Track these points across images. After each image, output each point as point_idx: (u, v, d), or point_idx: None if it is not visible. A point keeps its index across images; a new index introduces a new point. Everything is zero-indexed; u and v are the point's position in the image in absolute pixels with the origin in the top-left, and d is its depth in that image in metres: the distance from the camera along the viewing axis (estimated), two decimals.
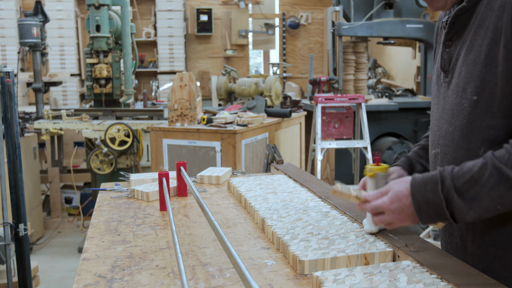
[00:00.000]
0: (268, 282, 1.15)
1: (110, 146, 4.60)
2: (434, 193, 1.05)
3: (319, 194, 1.72)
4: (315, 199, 1.68)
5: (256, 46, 9.10)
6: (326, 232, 1.33)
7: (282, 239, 1.30)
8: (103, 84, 5.04)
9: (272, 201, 1.68)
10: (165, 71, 8.24)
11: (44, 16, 5.39)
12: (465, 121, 1.12)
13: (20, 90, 7.13)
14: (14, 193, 3.11)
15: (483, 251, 1.14)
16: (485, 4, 1.09)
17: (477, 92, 1.09)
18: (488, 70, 1.07)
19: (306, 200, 1.66)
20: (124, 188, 2.00)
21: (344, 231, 1.34)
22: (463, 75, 1.13)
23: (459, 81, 1.14)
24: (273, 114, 4.29)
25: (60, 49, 7.94)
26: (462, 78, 1.13)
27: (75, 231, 5.41)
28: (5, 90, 3.04)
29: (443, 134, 1.19)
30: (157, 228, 1.55)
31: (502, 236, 1.10)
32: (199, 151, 3.68)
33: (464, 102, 1.12)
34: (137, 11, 8.39)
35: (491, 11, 1.07)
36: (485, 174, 0.99)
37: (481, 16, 1.10)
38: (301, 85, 8.48)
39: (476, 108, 1.09)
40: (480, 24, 1.10)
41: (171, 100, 3.80)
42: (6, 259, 3.04)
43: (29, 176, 4.86)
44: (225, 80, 4.62)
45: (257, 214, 1.56)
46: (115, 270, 1.22)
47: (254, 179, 2.03)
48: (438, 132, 1.22)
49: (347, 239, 1.27)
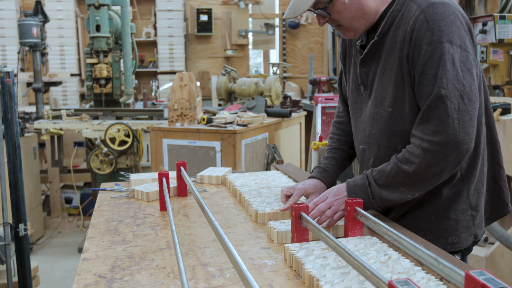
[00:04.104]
0: (268, 282, 1.15)
1: (110, 146, 4.60)
2: (360, 179, 1.48)
3: None
4: None
5: (256, 46, 9.10)
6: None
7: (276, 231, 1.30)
8: (103, 84, 5.04)
9: (265, 195, 1.76)
10: (165, 71, 8.24)
11: (44, 16, 5.39)
12: (384, 126, 1.50)
13: (20, 90, 7.13)
14: (14, 193, 3.11)
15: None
16: (391, 37, 1.46)
17: (391, 105, 1.47)
18: (398, 89, 1.45)
19: None
20: (124, 188, 2.00)
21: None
22: (379, 91, 1.51)
23: (376, 95, 1.52)
24: (273, 114, 4.29)
25: (60, 49, 7.94)
26: (379, 94, 1.51)
27: (75, 231, 5.41)
28: (5, 90, 3.04)
29: (368, 134, 1.56)
30: (157, 228, 1.54)
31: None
32: (199, 151, 3.68)
33: (382, 112, 1.50)
34: (137, 11, 8.38)
35: (395, 44, 1.45)
36: (389, 168, 1.43)
37: (389, 46, 1.47)
38: (301, 85, 8.48)
39: (392, 117, 1.48)
40: (389, 53, 1.47)
41: (171, 100, 3.80)
42: (6, 259, 3.04)
43: (29, 176, 4.86)
44: (225, 80, 4.62)
45: (250, 207, 1.63)
46: (115, 270, 1.22)
47: (250, 175, 2.07)
48: (363, 132, 1.59)
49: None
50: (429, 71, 1.36)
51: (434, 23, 1.36)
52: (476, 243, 1.56)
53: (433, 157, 1.35)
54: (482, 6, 4.98)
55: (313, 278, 1.09)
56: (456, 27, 1.37)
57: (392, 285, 0.83)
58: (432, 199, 1.50)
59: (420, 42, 1.38)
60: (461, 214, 1.50)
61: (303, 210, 1.32)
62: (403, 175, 1.39)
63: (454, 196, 1.49)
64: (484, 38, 3.51)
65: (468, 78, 1.36)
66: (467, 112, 1.34)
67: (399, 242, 1.18)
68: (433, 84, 1.35)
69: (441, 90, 1.34)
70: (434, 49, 1.36)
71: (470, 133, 1.35)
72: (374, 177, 1.45)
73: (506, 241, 2.88)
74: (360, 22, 1.49)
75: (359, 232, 1.37)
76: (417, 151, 1.37)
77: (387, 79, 1.47)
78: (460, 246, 1.51)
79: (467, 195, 1.50)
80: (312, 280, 1.09)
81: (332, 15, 1.48)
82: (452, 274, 0.96)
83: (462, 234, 1.50)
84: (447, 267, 0.98)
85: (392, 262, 1.16)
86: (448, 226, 1.50)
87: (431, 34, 1.36)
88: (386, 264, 1.15)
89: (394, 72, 1.45)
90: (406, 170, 1.39)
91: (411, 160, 1.38)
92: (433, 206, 1.50)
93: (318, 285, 1.06)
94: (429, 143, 1.35)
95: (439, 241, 1.49)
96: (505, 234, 2.89)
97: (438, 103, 1.34)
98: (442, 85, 1.34)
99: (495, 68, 3.59)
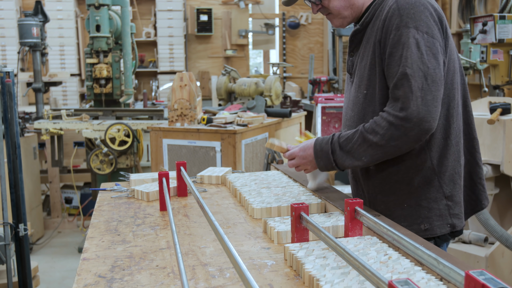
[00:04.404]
0: (268, 282, 1.15)
1: (110, 146, 4.60)
2: (326, 144, 1.58)
3: (311, 189, 1.80)
4: (307, 193, 1.76)
5: (256, 46, 9.10)
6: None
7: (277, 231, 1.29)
8: (103, 84, 5.04)
9: (265, 195, 1.76)
10: (165, 71, 8.24)
11: (44, 16, 5.38)
12: (360, 108, 1.62)
13: (20, 90, 7.13)
14: (14, 193, 3.11)
15: (374, 198, 1.66)
16: (370, 27, 1.61)
17: (366, 88, 1.59)
18: (371, 72, 1.58)
19: (298, 194, 1.75)
20: (124, 188, 2.00)
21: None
22: (358, 76, 1.63)
23: (356, 80, 1.65)
24: (273, 114, 4.29)
25: (60, 49, 7.94)
26: (358, 78, 1.63)
27: (75, 231, 5.41)
28: (5, 90, 3.04)
29: (349, 117, 1.69)
30: (157, 228, 1.55)
31: (384, 186, 1.62)
32: (199, 151, 3.68)
33: (359, 95, 1.62)
34: (137, 11, 8.39)
35: (373, 32, 1.58)
36: (355, 136, 1.53)
37: (367, 35, 1.61)
38: (301, 85, 8.48)
39: (366, 99, 1.60)
40: (367, 41, 1.61)
41: (171, 100, 3.80)
42: (6, 259, 3.04)
43: (29, 176, 4.86)
44: (225, 80, 4.62)
45: (250, 206, 1.64)
46: (115, 270, 1.22)
47: (250, 175, 2.07)
48: (346, 116, 1.72)
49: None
50: (396, 53, 1.49)
51: (404, 11, 1.49)
52: (457, 234, 1.63)
53: (396, 130, 1.45)
54: (482, 6, 4.98)
55: (313, 278, 1.09)
56: (425, 16, 1.49)
57: (392, 285, 0.83)
58: (404, 187, 1.59)
59: (391, 28, 1.51)
60: (433, 202, 1.58)
61: (303, 210, 1.32)
62: (367, 144, 1.51)
63: (425, 184, 1.57)
64: (484, 38, 3.51)
65: (432, 61, 1.47)
66: (430, 92, 1.44)
67: (399, 242, 1.18)
68: (399, 65, 1.47)
69: (406, 69, 1.45)
70: (401, 33, 1.48)
71: (432, 112, 1.44)
72: (340, 144, 1.56)
73: (506, 241, 2.88)
74: (348, 11, 1.64)
75: (359, 232, 1.37)
76: (383, 123, 1.48)
77: (363, 64, 1.61)
78: (433, 233, 1.58)
79: (439, 184, 1.58)
80: (312, 280, 1.09)
81: (322, 2, 1.64)
82: (452, 274, 0.96)
83: (436, 222, 1.58)
84: (447, 267, 0.98)
85: (392, 262, 1.16)
86: (420, 213, 1.58)
87: (400, 20, 1.49)
88: (386, 264, 1.15)
89: (369, 57, 1.58)
90: (370, 139, 1.50)
91: (376, 131, 1.49)
92: (405, 194, 1.59)
93: (318, 285, 1.06)
94: (394, 117, 1.46)
95: (412, 228, 1.57)
96: (505, 234, 2.89)
97: (403, 81, 1.46)
98: (407, 65, 1.45)
99: (495, 68, 3.59)
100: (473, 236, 3.23)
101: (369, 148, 1.50)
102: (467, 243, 3.25)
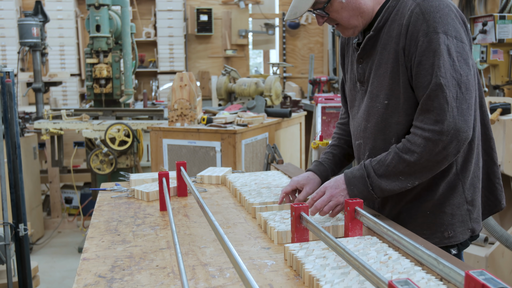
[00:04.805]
0: (268, 282, 1.15)
1: (110, 146, 4.60)
2: (358, 170, 1.49)
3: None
4: None
5: (256, 46, 9.10)
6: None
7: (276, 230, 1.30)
8: (103, 84, 5.04)
9: (265, 195, 1.76)
10: (165, 71, 8.23)
11: (44, 16, 5.38)
12: (380, 119, 1.53)
13: (20, 90, 7.13)
14: (14, 193, 3.11)
15: (397, 206, 1.58)
16: (386, 32, 1.51)
17: (387, 97, 1.50)
18: (393, 81, 1.49)
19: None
20: (124, 188, 2.00)
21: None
22: (375, 85, 1.54)
23: (372, 89, 1.55)
24: (273, 114, 4.29)
25: (60, 49, 7.94)
26: (375, 87, 1.54)
27: (75, 231, 5.41)
28: (5, 90, 3.04)
29: (363, 128, 1.59)
30: (157, 228, 1.55)
31: (409, 195, 1.54)
32: (199, 151, 3.68)
33: (378, 105, 1.53)
34: (137, 11, 8.38)
35: (391, 38, 1.49)
36: (389, 158, 1.45)
37: (384, 41, 1.51)
38: (301, 85, 8.47)
39: (387, 109, 1.51)
40: (384, 47, 1.51)
41: (171, 100, 3.80)
42: (6, 259, 3.04)
43: (29, 176, 4.86)
44: (225, 80, 4.62)
45: (249, 205, 1.66)
46: (115, 270, 1.22)
47: (250, 175, 2.07)
48: (359, 127, 1.62)
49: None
50: (426, 61, 1.40)
51: (430, 15, 1.41)
52: (475, 238, 1.59)
53: (435, 146, 1.38)
54: (482, 6, 4.98)
55: (313, 278, 1.09)
56: (451, 19, 1.42)
57: (392, 285, 0.83)
58: (428, 194, 1.53)
59: (417, 34, 1.42)
60: (456, 208, 1.53)
61: (303, 210, 1.32)
62: (404, 165, 1.42)
63: (449, 190, 1.52)
64: (484, 38, 3.51)
65: (464, 68, 1.40)
66: (465, 100, 1.38)
67: (399, 242, 1.18)
68: (431, 74, 1.39)
69: (440, 79, 1.38)
70: (430, 39, 1.40)
71: (468, 121, 1.39)
72: (374, 167, 1.47)
73: (506, 241, 2.88)
74: (358, 19, 1.54)
75: (359, 232, 1.37)
76: (419, 140, 1.40)
77: (382, 72, 1.51)
78: (456, 241, 1.54)
79: (463, 190, 1.53)
80: (312, 280, 1.09)
81: (330, 14, 1.52)
82: (452, 274, 0.96)
83: (458, 229, 1.53)
84: (447, 267, 0.98)
85: (392, 262, 1.16)
86: (444, 220, 1.53)
87: (427, 25, 1.41)
88: (386, 264, 1.15)
89: (389, 65, 1.49)
90: (407, 159, 1.41)
91: (413, 150, 1.41)
92: (429, 201, 1.53)
93: (318, 285, 1.06)
94: (430, 132, 1.38)
95: (435, 236, 1.52)
96: (505, 234, 2.89)
97: (438, 92, 1.38)
98: (441, 74, 1.38)
99: (495, 68, 3.59)
100: None
101: (406, 168, 1.42)
102: None
